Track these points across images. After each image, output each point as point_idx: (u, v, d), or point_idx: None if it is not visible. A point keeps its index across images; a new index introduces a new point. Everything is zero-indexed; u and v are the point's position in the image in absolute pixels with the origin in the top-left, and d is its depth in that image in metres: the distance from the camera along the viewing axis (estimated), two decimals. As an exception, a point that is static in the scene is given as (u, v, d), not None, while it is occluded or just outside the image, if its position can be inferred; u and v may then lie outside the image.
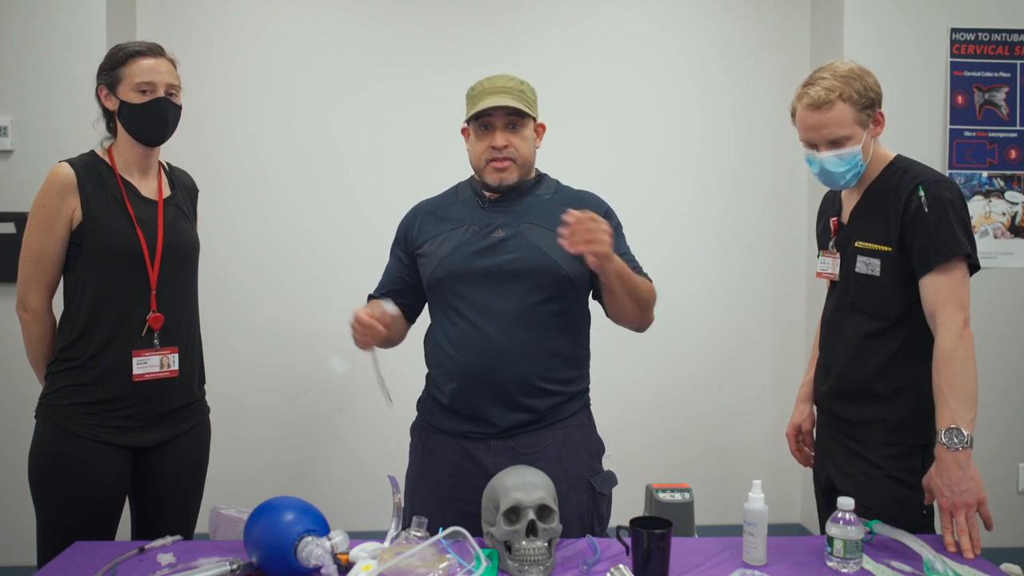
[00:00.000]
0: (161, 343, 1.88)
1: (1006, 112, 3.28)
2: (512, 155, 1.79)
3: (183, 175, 2.07)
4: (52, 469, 1.82)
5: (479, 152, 1.81)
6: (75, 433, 1.81)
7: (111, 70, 1.86)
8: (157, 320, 1.87)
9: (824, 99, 1.72)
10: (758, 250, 3.58)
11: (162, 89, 1.87)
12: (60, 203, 1.81)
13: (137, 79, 1.84)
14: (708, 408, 3.57)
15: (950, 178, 1.76)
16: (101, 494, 1.83)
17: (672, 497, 2.60)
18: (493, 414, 1.75)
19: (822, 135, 1.75)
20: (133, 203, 1.87)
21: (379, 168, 3.43)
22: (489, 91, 1.78)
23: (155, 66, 1.86)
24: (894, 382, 1.76)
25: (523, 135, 1.81)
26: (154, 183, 1.95)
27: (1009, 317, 3.30)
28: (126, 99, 1.85)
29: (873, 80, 1.76)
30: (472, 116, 1.79)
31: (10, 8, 3.04)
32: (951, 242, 1.67)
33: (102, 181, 1.86)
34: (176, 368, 1.90)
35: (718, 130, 3.55)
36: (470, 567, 1.45)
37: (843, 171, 1.77)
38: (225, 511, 1.72)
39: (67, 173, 1.82)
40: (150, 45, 1.89)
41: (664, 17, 3.52)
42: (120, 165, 1.90)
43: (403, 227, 1.95)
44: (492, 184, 1.81)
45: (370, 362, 1.77)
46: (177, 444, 1.95)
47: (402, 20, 3.43)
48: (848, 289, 1.84)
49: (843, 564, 1.50)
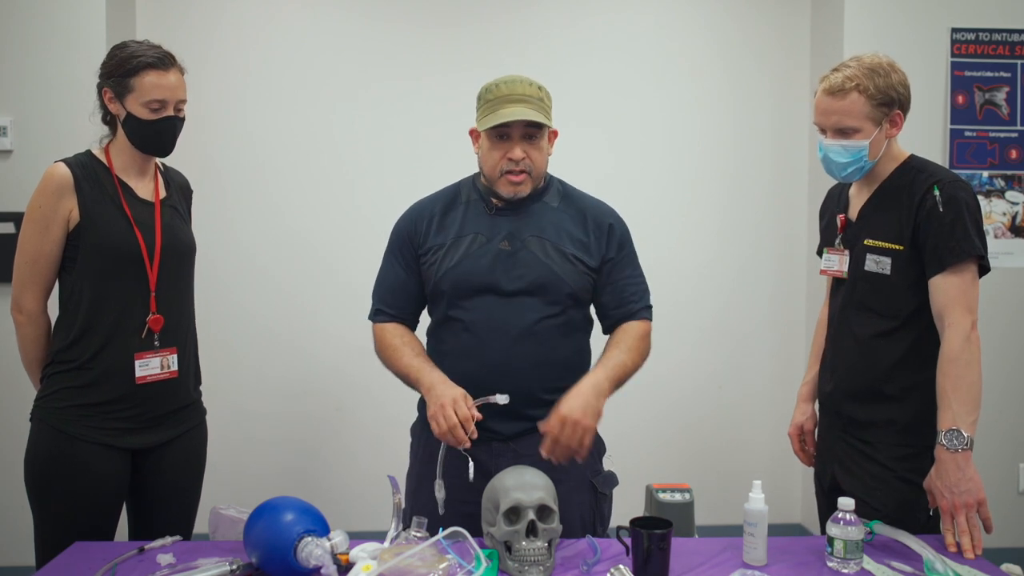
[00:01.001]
0: (161, 344, 1.86)
1: (1006, 112, 3.28)
2: (528, 168, 1.74)
3: (177, 175, 2.05)
4: (49, 472, 1.80)
5: (494, 162, 1.75)
6: (73, 435, 1.79)
7: (121, 77, 1.80)
8: (157, 322, 1.85)
9: (840, 86, 1.71)
10: (758, 250, 3.58)
11: (172, 107, 1.84)
12: (57, 203, 1.78)
13: (149, 96, 1.80)
14: (708, 408, 3.57)
15: (964, 179, 1.75)
16: (100, 497, 1.82)
17: (672, 497, 2.59)
18: (496, 424, 1.73)
19: (831, 121, 1.74)
20: (130, 204, 1.85)
21: (379, 168, 3.43)
22: (509, 99, 1.71)
23: (168, 82, 1.82)
24: (903, 383, 1.75)
25: (539, 146, 1.76)
26: (151, 184, 1.92)
27: (1009, 317, 3.30)
28: (134, 112, 1.81)
29: (899, 79, 1.74)
30: (490, 127, 1.72)
31: (10, 8, 3.04)
32: (965, 243, 1.66)
33: (99, 181, 1.83)
34: (176, 369, 1.89)
35: (718, 130, 3.54)
36: (470, 567, 1.45)
37: (845, 162, 1.75)
38: (225, 511, 1.72)
39: (64, 173, 1.79)
40: (162, 55, 1.83)
41: (664, 17, 3.52)
42: (117, 166, 1.87)
43: (403, 231, 1.87)
44: (505, 196, 1.77)
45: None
46: (176, 446, 1.93)
47: (402, 20, 3.43)
48: (856, 287, 1.82)
49: (843, 564, 1.50)
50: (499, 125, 1.70)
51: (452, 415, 1.60)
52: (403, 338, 1.83)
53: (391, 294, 1.87)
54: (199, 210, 2.12)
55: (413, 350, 1.80)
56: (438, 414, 1.62)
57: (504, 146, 1.73)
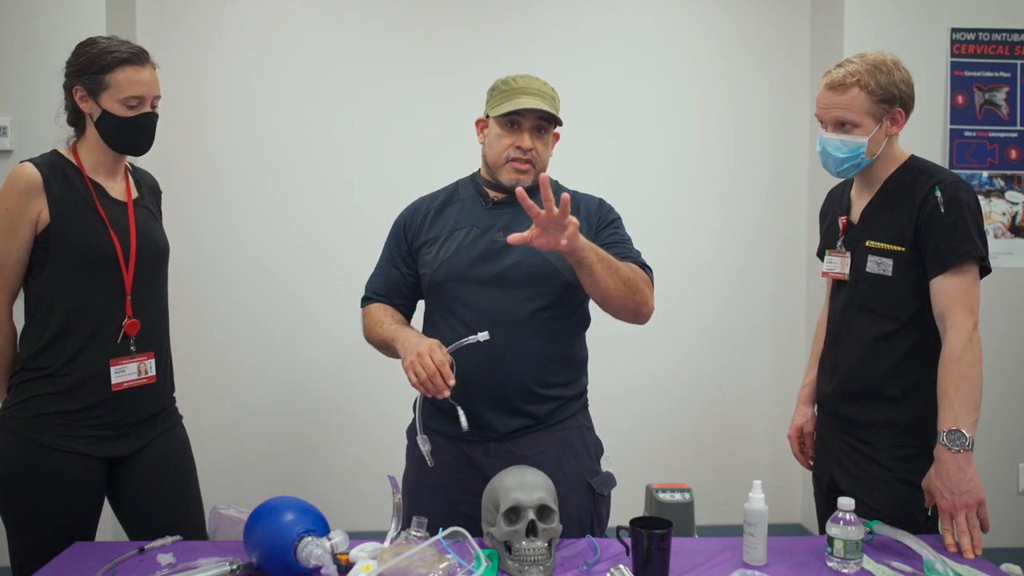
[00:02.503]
0: (137, 349, 1.81)
1: (1006, 112, 3.28)
2: (534, 159, 1.78)
3: (146, 175, 2.00)
4: (21, 484, 1.72)
5: (501, 148, 1.78)
6: (46, 445, 1.72)
7: (94, 74, 1.74)
8: (133, 326, 1.80)
9: (841, 81, 1.72)
10: (758, 250, 3.58)
11: (149, 103, 1.79)
12: (25, 205, 1.71)
13: (126, 92, 1.75)
14: (708, 408, 3.57)
15: (966, 180, 1.75)
16: (76, 507, 1.76)
17: (672, 497, 2.60)
18: (492, 419, 1.74)
19: (831, 115, 1.75)
20: (103, 204, 1.79)
21: (379, 168, 3.43)
22: (525, 91, 1.76)
23: (144, 78, 1.77)
24: (904, 384, 1.75)
25: (546, 141, 1.80)
26: (122, 184, 1.87)
27: (1009, 317, 3.30)
28: (110, 110, 1.75)
29: (902, 77, 1.74)
30: (504, 113, 1.75)
31: (10, 8, 3.04)
32: (966, 244, 1.66)
33: (69, 181, 1.76)
34: (153, 374, 1.83)
35: (718, 130, 3.55)
36: (470, 567, 1.45)
37: (843, 157, 1.76)
38: (225, 511, 1.71)
39: (32, 174, 1.72)
40: (136, 51, 1.77)
41: (664, 17, 3.52)
42: (87, 165, 1.80)
43: (398, 225, 1.92)
44: (508, 184, 1.78)
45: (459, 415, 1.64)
46: (151, 451, 1.86)
47: (402, 20, 3.43)
48: (857, 289, 1.82)
49: (843, 564, 1.50)
50: (513, 112, 1.74)
51: (429, 362, 1.58)
52: (385, 311, 1.86)
53: (382, 284, 1.91)
54: (199, 211, 2.12)
55: (394, 319, 1.82)
56: (415, 363, 1.59)
57: (514, 135, 1.77)
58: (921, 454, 1.71)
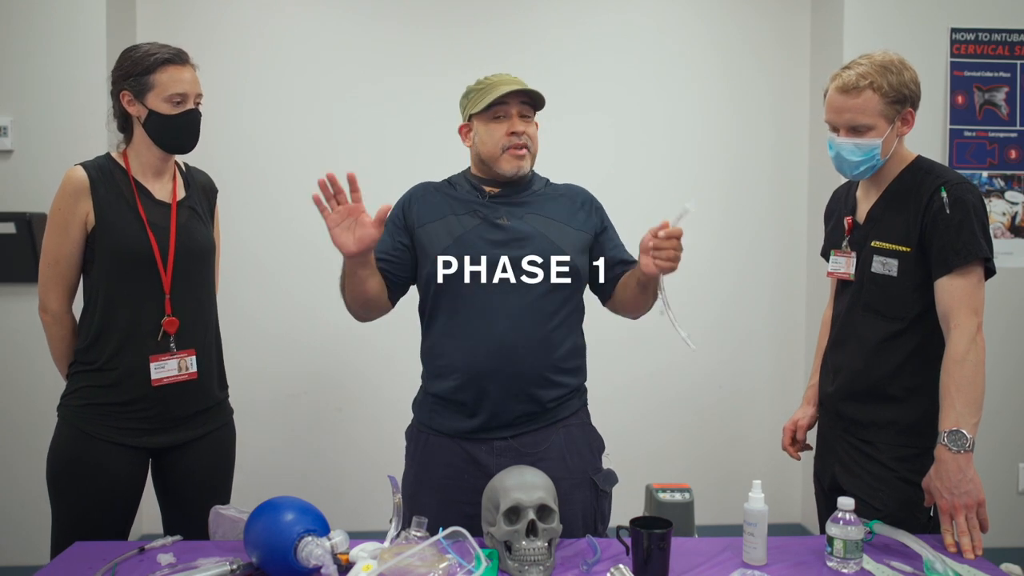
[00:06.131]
0: (178, 346, 1.87)
1: (1006, 112, 3.28)
2: (527, 143, 1.80)
3: (200, 175, 2.06)
4: (68, 469, 1.83)
5: (495, 139, 1.79)
6: (91, 434, 1.82)
7: (139, 76, 1.82)
8: (172, 324, 1.87)
9: (854, 84, 1.70)
10: (758, 250, 3.58)
11: (192, 100, 1.86)
12: (74, 206, 1.81)
13: (171, 90, 1.82)
14: (708, 408, 3.57)
15: (971, 181, 1.75)
16: (114, 495, 1.84)
17: (672, 497, 2.59)
18: (500, 406, 1.73)
19: (844, 119, 1.74)
20: (145, 206, 1.86)
21: (379, 168, 3.42)
22: (502, 82, 1.79)
23: (185, 76, 1.85)
24: (907, 384, 1.75)
25: (534, 124, 1.84)
26: (169, 185, 1.93)
27: (1009, 317, 3.30)
28: (156, 109, 1.83)
29: (911, 77, 1.73)
30: (488, 105, 1.77)
31: (10, 8, 3.04)
32: (972, 245, 1.66)
33: (115, 184, 1.85)
34: (195, 370, 1.90)
35: (718, 130, 3.55)
36: (470, 567, 1.45)
37: (858, 160, 1.75)
38: (225, 511, 1.71)
39: (80, 177, 1.82)
40: (177, 51, 1.86)
41: (664, 17, 3.52)
42: (135, 168, 1.89)
43: (403, 202, 1.91)
44: (508, 173, 1.79)
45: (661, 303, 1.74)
46: (199, 446, 1.94)
47: (402, 20, 3.44)
48: (863, 289, 1.81)
49: (843, 564, 1.50)
50: (497, 103, 1.76)
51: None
52: None
53: (379, 252, 1.84)
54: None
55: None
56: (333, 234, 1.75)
57: (504, 123, 1.79)
58: (923, 454, 1.70)
